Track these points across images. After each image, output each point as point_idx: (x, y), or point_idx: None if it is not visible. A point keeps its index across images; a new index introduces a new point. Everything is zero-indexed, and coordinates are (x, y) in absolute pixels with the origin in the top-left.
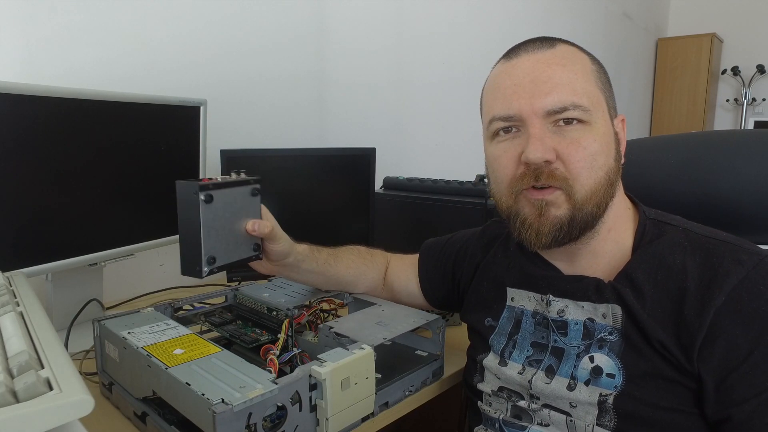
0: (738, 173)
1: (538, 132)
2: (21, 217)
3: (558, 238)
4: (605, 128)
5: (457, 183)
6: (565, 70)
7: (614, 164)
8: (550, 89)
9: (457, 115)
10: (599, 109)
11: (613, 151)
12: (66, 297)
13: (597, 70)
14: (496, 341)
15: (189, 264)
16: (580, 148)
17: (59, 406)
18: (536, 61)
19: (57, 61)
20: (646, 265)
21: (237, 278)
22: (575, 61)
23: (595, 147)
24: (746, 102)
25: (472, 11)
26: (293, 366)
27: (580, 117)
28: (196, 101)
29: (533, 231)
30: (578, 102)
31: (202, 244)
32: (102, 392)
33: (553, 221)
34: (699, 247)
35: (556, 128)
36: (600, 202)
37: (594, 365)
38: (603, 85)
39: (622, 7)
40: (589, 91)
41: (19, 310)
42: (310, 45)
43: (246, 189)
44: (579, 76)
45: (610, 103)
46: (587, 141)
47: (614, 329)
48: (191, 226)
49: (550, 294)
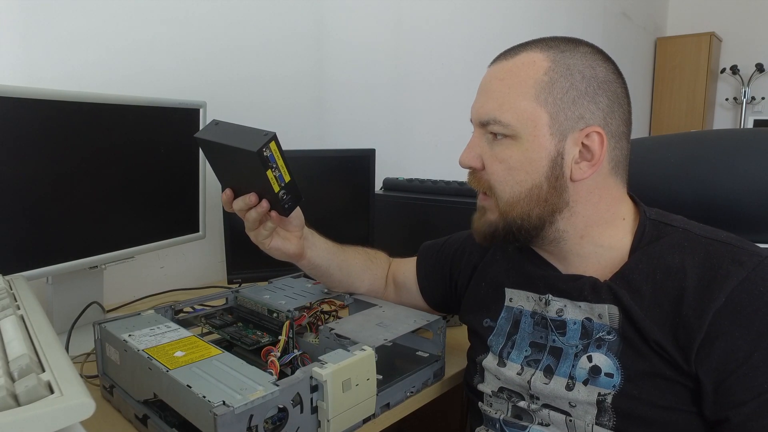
0: (737, 172)
1: (473, 140)
2: (21, 220)
3: (488, 238)
4: (535, 145)
5: (457, 184)
6: (501, 84)
7: (545, 181)
8: (483, 102)
9: (457, 116)
10: (530, 125)
11: (544, 168)
12: (66, 300)
13: (551, 81)
14: (495, 342)
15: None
16: (496, 162)
17: (60, 409)
18: (490, 72)
19: (56, 63)
20: (645, 266)
21: (237, 280)
22: (518, 74)
23: (513, 162)
24: (745, 101)
25: (471, 12)
26: (294, 368)
27: (502, 132)
28: (195, 103)
29: (473, 228)
30: (499, 118)
31: None
32: (103, 395)
33: (485, 223)
34: (699, 248)
35: (491, 138)
36: (524, 215)
37: (592, 365)
38: (554, 98)
39: (621, 7)
40: (520, 107)
41: (20, 313)
42: (309, 46)
43: None
44: (513, 90)
45: (559, 117)
46: (505, 155)
47: (612, 329)
48: None
49: (549, 294)
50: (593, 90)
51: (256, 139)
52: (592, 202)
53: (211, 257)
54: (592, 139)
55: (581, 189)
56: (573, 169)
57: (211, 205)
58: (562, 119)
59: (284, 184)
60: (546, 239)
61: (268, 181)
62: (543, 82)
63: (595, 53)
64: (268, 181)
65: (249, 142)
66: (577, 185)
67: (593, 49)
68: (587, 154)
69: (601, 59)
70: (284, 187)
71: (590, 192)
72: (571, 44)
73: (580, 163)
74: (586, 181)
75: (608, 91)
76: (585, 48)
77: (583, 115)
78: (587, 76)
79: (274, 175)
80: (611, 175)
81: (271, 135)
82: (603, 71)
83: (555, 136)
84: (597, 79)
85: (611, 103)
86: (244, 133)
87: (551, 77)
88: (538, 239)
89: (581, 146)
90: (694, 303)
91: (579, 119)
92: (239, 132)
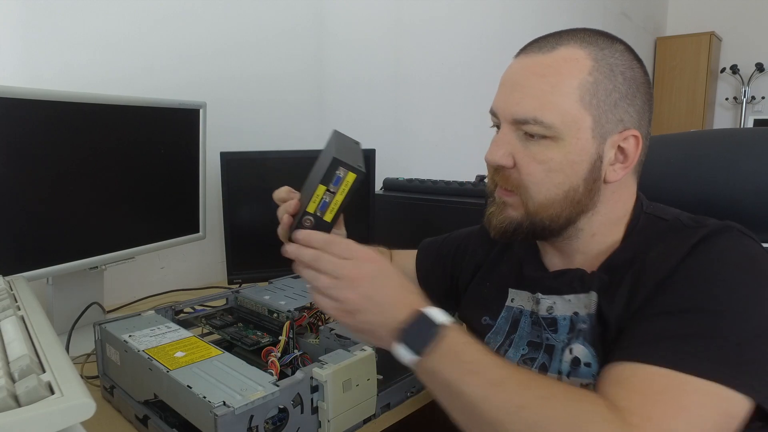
0: (738, 172)
1: (502, 136)
2: (21, 221)
3: (507, 235)
4: (578, 148)
5: (457, 184)
6: (542, 82)
7: (582, 184)
8: (520, 99)
9: (457, 115)
10: (574, 127)
11: (584, 171)
12: (67, 301)
13: (595, 82)
14: (492, 340)
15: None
16: (534, 163)
17: (61, 410)
18: (524, 65)
19: (55, 63)
20: (628, 254)
21: (238, 281)
22: (562, 71)
23: (553, 165)
24: (745, 100)
25: (471, 12)
26: (294, 368)
27: (542, 133)
28: (195, 104)
29: (488, 222)
30: (541, 118)
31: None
32: (103, 395)
33: (505, 219)
34: (677, 235)
35: (524, 136)
36: (555, 216)
37: (573, 356)
38: (598, 100)
39: (621, 7)
40: (563, 108)
41: (20, 314)
42: (309, 46)
43: None
44: (556, 89)
45: (601, 120)
46: (545, 157)
47: (588, 316)
48: None
49: (538, 292)
50: (632, 92)
51: (349, 156)
52: (613, 201)
53: (211, 258)
54: (629, 142)
55: (608, 190)
56: (608, 172)
57: (211, 205)
58: (604, 122)
59: (319, 216)
60: (563, 236)
61: (313, 193)
62: (587, 83)
63: (630, 52)
64: (312, 194)
65: (343, 152)
66: (606, 186)
67: (627, 48)
68: (621, 156)
69: (636, 59)
70: (317, 218)
71: (614, 192)
72: (609, 41)
73: (614, 165)
74: (615, 182)
75: (643, 93)
76: (621, 46)
77: (622, 118)
78: (628, 77)
79: (321, 196)
80: (633, 175)
81: (360, 169)
82: (639, 72)
83: (596, 139)
84: (636, 80)
85: (644, 105)
86: (350, 148)
87: (595, 78)
88: (557, 237)
89: (617, 149)
90: (647, 283)
91: (619, 122)
92: (349, 146)
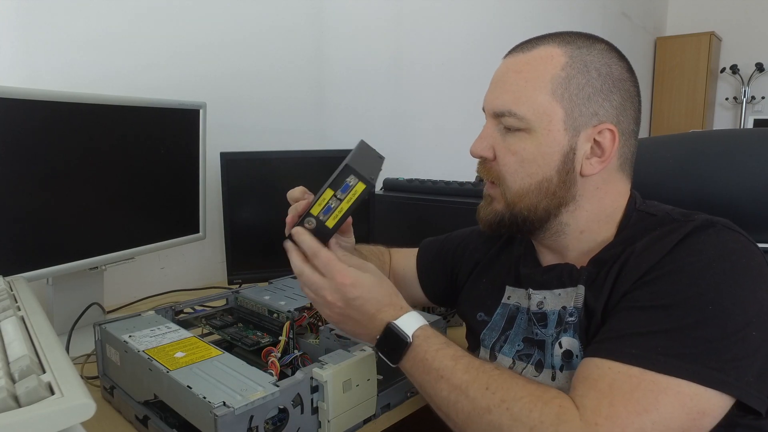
0: (737, 172)
1: (485, 130)
2: (21, 221)
3: (493, 227)
4: (549, 139)
5: (457, 184)
6: (518, 77)
7: (555, 175)
8: (499, 94)
9: (457, 115)
10: (545, 119)
11: (556, 162)
12: (67, 301)
13: (567, 76)
14: (488, 336)
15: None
16: (509, 153)
17: (61, 410)
18: (507, 64)
19: (54, 63)
20: (617, 249)
21: (238, 281)
22: (536, 68)
23: (526, 155)
24: (745, 100)
25: (471, 11)
26: (294, 368)
27: (516, 125)
28: (195, 104)
29: (477, 215)
30: (515, 110)
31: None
32: (103, 396)
33: (492, 212)
34: (656, 229)
35: (504, 130)
36: (531, 207)
37: (564, 350)
38: (570, 94)
39: (621, 7)
40: (536, 101)
41: (20, 314)
42: (309, 43)
43: None
44: (529, 84)
45: (573, 113)
46: (519, 147)
47: (575, 309)
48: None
49: (529, 288)
50: (608, 88)
51: (365, 167)
52: (598, 197)
53: (212, 258)
54: (604, 136)
55: (589, 184)
56: (583, 165)
57: (211, 205)
58: (576, 115)
59: (322, 219)
60: (548, 231)
61: (320, 196)
62: (560, 78)
63: (610, 51)
64: (319, 197)
65: (359, 162)
66: (585, 180)
67: (609, 47)
68: (598, 150)
69: (617, 57)
70: (319, 221)
71: (597, 188)
72: (588, 41)
73: (590, 159)
74: (594, 176)
75: (622, 90)
76: (601, 45)
77: (597, 112)
78: (603, 73)
79: (327, 200)
80: (618, 171)
81: (371, 181)
82: (618, 69)
83: (569, 132)
84: (612, 76)
85: (624, 101)
86: (370, 161)
87: (568, 73)
88: (540, 231)
89: (593, 142)
90: (629, 276)
91: (593, 116)
92: (370, 158)
